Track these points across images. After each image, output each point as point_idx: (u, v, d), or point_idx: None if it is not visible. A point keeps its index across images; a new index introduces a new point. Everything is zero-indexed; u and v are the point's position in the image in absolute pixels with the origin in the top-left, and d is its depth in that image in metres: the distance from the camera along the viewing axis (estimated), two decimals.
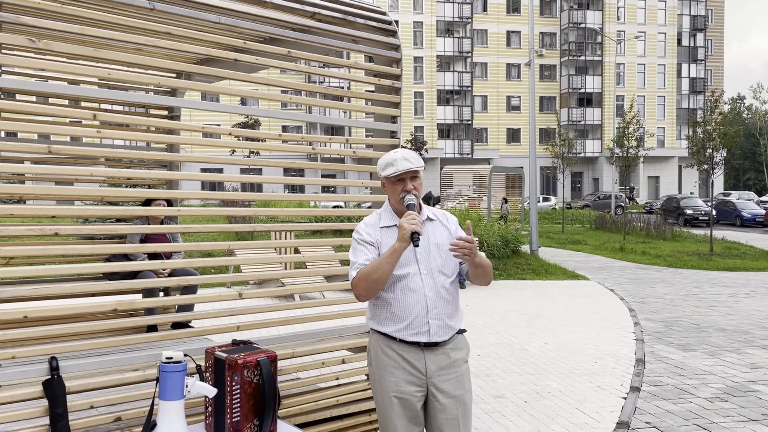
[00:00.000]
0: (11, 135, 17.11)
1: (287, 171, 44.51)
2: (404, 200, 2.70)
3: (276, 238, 12.28)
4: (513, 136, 55.97)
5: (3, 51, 3.73)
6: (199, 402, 3.05)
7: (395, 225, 2.74)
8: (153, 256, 5.32)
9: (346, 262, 11.84)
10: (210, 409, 2.59)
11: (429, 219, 2.82)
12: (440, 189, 28.52)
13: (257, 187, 43.15)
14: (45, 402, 2.73)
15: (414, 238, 2.57)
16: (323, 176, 48.92)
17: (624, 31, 56.12)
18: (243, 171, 44.32)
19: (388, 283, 2.68)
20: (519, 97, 55.66)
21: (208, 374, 2.63)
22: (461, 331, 2.84)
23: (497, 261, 14.23)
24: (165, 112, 5.40)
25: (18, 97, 5.24)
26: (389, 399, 2.69)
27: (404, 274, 2.69)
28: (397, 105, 4.11)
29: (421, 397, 2.72)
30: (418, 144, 44.89)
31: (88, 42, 3.89)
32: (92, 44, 3.92)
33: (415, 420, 2.71)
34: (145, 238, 5.39)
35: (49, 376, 2.76)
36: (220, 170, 43.68)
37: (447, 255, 2.79)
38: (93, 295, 4.52)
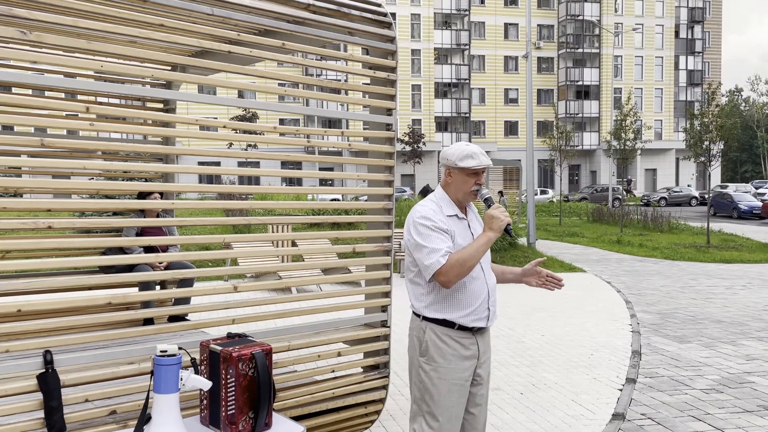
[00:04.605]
0: (8, 128, 17.00)
1: (284, 164, 44.42)
2: (480, 194, 2.87)
3: (273, 231, 12.28)
4: (510, 128, 55.92)
5: None
6: (194, 395, 3.06)
7: (456, 215, 2.88)
8: (149, 249, 5.32)
9: (342, 255, 11.75)
10: (205, 402, 2.58)
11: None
12: (438, 182, 28.50)
13: (254, 180, 42.99)
14: (40, 395, 2.73)
15: (509, 228, 2.79)
16: (320, 169, 48.86)
17: (622, 23, 56.00)
18: (240, 164, 44.24)
19: None
20: (516, 89, 55.58)
21: (203, 367, 2.62)
22: None
23: (494, 254, 14.24)
24: (161, 105, 5.39)
25: (13, 89, 5.21)
26: (449, 387, 2.82)
27: None
28: (392, 97, 4.10)
29: (471, 380, 2.91)
30: (415, 137, 44.81)
31: (82, 34, 3.87)
32: (85, 36, 3.90)
33: (465, 402, 2.88)
34: (142, 232, 5.38)
35: (44, 370, 2.75)
36: (218, 163, 43.58)
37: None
38: (88, 288, 4.52)
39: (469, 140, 53.38)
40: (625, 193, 42.65)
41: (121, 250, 5.11)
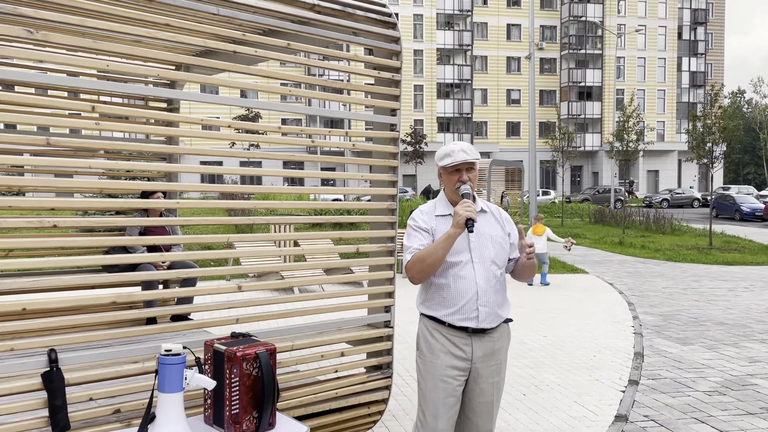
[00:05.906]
0: (10, 127, 17.06)
1: (286, 164, 44.48)
2: (459, 190, 2.84)
3: (275, 231, 12.28)
4: (513, 129, 55.90)
5: (0, 42, 3.71)
6: (198, 394, 3.06)
7: (450, 214, 2.89)
8: (152, 248, 5.32)
9: (345, 255, 11.77)
10: (209, 401, 2.59)
11: (482, 211, 2.96)
12: (439, 182, 28.48)
13: (257, 180, 42.97)
14: (44, 394, 2.73)
15: (469, 224, 2.69)
16: (323, 169, 48.85)
17: (624, 25, 55.96)
18: (243, 164, 44.25)
19: (441, 269, 2.81)
20: (519, 90, 55.56)
21: (207, 367, 2.63)
22: (507, 321, 2.97)
23: None
24: (164, 105, 5.39)
25: (17, 88, 5.22)
26: (435, 382, 2.83)
27: (457, 262, 2.81)
28: (396, 98, 4.10)
29: (463, 381, 2.87)
30: (417, 137, 44.81)
31: (87, 33, 3.87)
32: (91, 36, 3.91)
33: (455, 402, 2.85)
34: (145, 231, 5.39)
35: (48, 368, 2.75)
36: (220, 163, 43.59)
37: (499, 247, 2.91)
38: (92, 287, 4.52)
39: (470, 141, 53.37)
40: (627, 194, 42.63)
41: (125, 249, 5.11)
